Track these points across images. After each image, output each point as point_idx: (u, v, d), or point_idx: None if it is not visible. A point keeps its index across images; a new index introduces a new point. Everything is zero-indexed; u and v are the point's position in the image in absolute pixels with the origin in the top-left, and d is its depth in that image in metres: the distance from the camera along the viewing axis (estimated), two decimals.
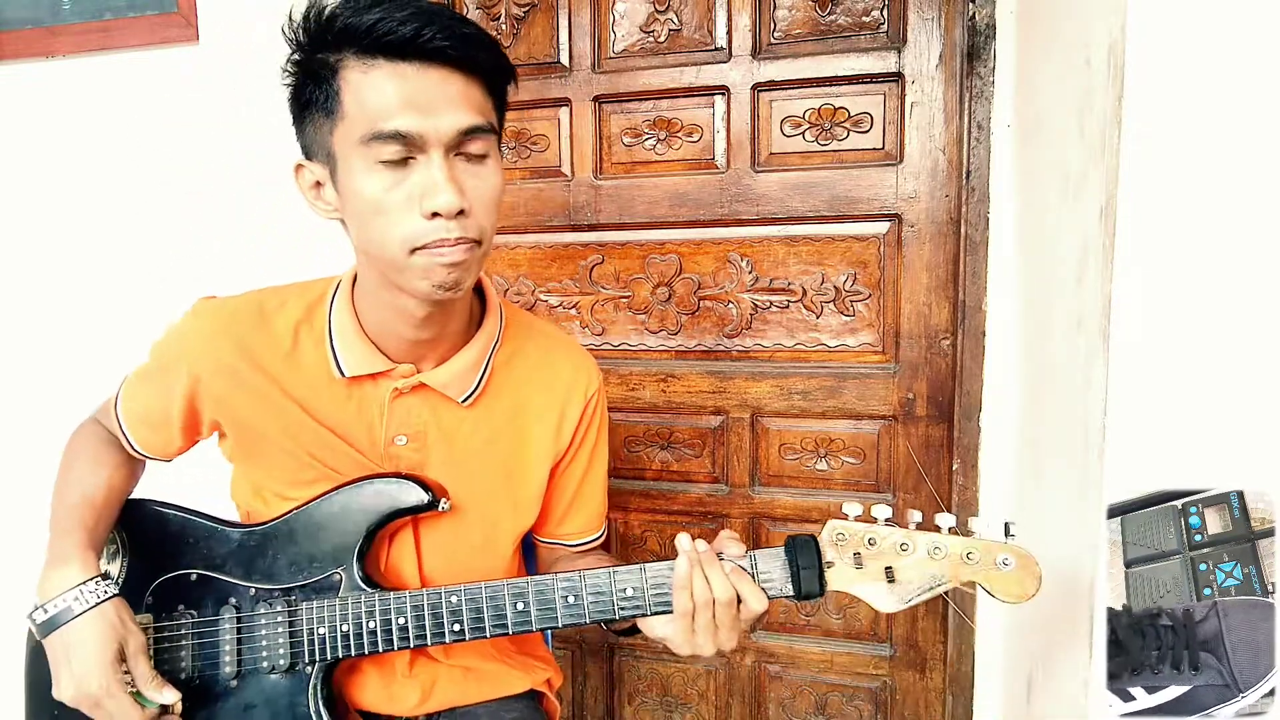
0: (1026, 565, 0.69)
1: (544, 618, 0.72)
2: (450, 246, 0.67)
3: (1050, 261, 1.01)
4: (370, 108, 0.65)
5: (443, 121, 0.66)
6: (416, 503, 0.78)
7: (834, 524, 0.72)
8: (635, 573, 0.72)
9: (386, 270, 0.71)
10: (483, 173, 0.70)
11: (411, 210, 0.67)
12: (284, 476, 0.83)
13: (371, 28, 0.64)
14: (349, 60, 0.66)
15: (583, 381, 0.88)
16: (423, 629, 0.74)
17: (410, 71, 0.65)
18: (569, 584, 0.72)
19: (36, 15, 1.51)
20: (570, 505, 0.91)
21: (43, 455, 1.62)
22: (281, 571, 0.79)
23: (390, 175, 0.66)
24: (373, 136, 0.65)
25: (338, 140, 0.68)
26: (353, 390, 0.80)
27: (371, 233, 0.69)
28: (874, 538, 0.71)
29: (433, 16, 0.65)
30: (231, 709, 0.77)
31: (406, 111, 0.65)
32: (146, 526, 0.82)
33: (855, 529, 0.71)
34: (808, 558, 0.70)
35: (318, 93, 0.68)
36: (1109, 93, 0.77)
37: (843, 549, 0.71)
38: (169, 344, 0.84)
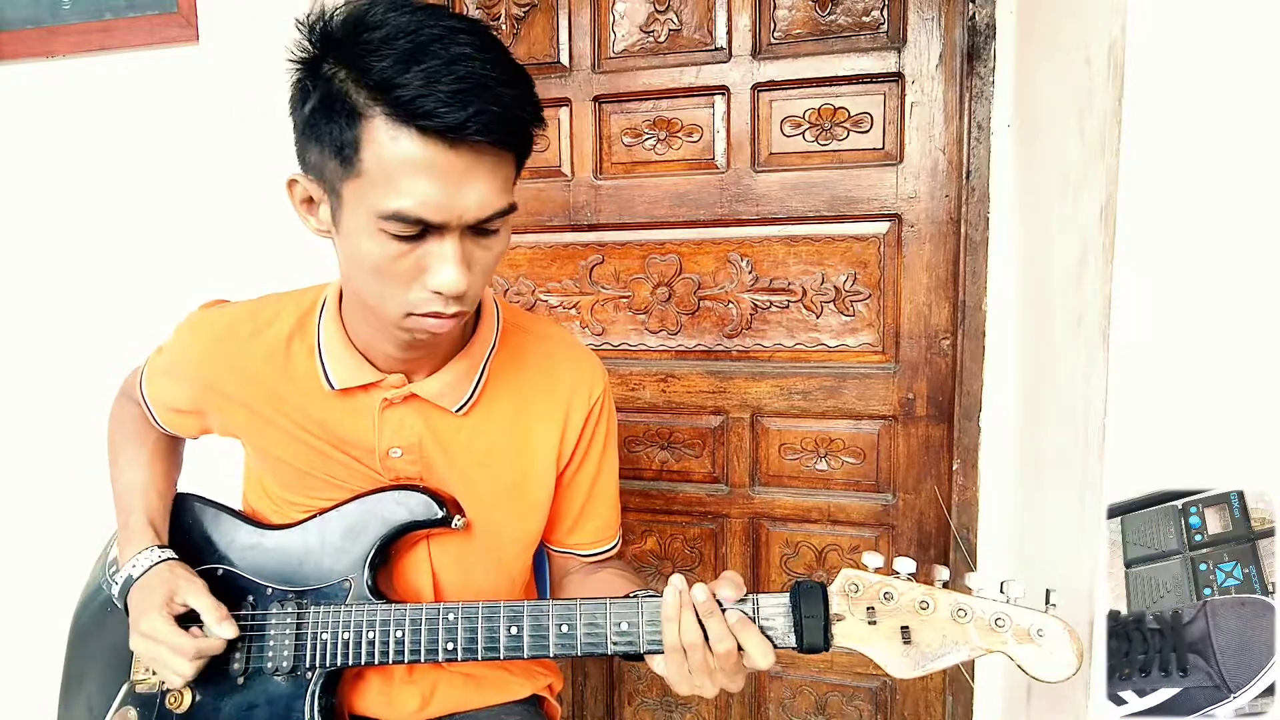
0: (1066, 640, 0.61)
1: (536, 645, 0.70)
2: (445, 319, 0.66)
3: (1050, 261, 1.01)
4: (394, 182, 0.59)
5: (467, 209, 0.61)
6: (428, 518, 0.78)
7: (848, 573, 0.65)
8: (631, 606, 0.69)
9: (372, 316, 0.71)
10: (492, 244, 0.66)
11: (414, 281, 0.64)
12: (286, 485, 0.84)
13: (413, 101, 0.57)
14: (376, 115, 0.59)
15: (586, 384, 0.84)
16: (418, 644, 0.73)
17: (442, 149, 0.59)
18: (563, 612, 0.70)
19: (36, 15, 1.51)
20: (580, 515, 0.88)
21: (43, 454, 1.62)
22: (297, 575, 0.80)
23: (398, 246, 0.62)
24: (391, 215, 0.60)
25: (348, 190, 0.62)
26: (345, 402, 0.79)
27: (366, 287, 0.67)
28: (891, 592, 0.64)
29: (478, 94, 0.58)
30: (236, 706, 0.77)
31: (430, 195, 0.60)
32: (184, 518, 0.86)
33: (870, 580, 0.65)
34: (813, 607, 0.65)
35: (331, 128, 0.61)
36: (1109, 92, 0.77)
37: (855, 601, 0.65)
38: (172, 352, 0.85)
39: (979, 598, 0.63)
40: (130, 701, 0.80)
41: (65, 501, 1.59)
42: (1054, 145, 0.99)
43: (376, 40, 0.59)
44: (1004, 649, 0.62)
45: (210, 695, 0.78)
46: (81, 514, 1.56)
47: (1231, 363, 0.73)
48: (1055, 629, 0.61)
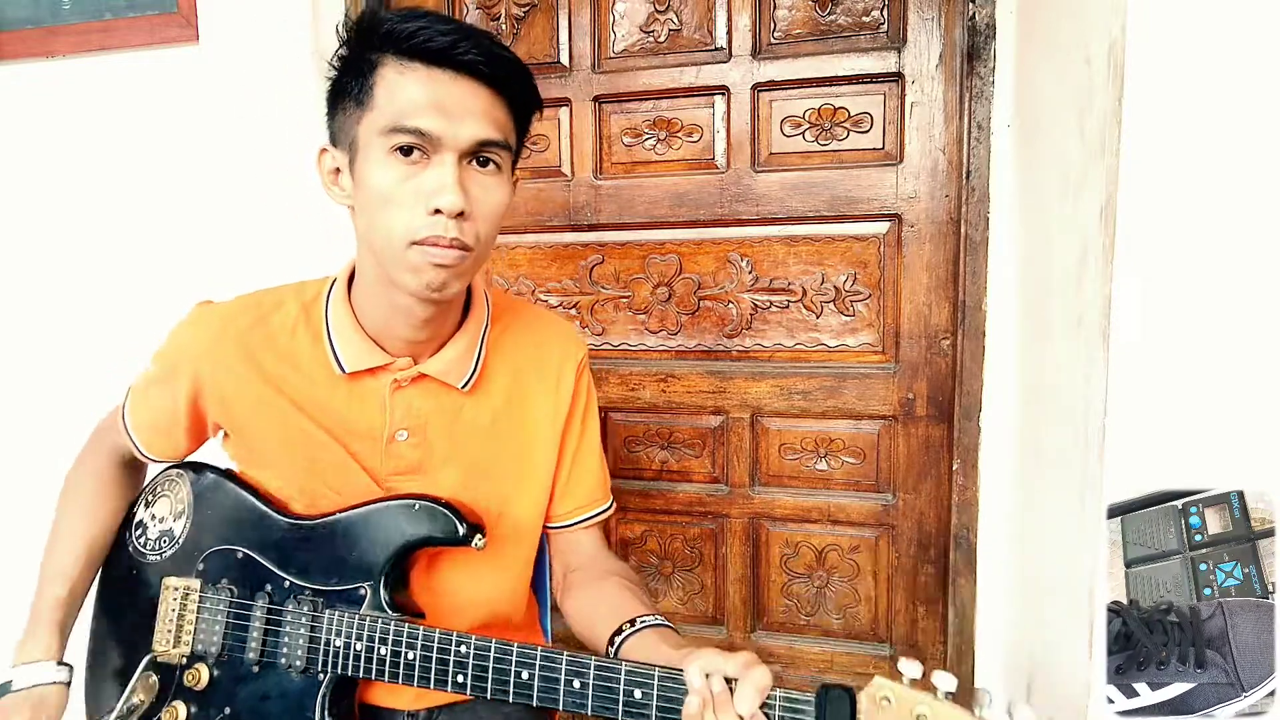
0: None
1: (545, 696, 0.69)
2: (444, 247, 0.70)
3: (1050, 261, 1.01)
4: (399, 102, 0.69)
5: (462, 128, 0.70)
6: (448, 535, 0.77)
7: (880, 683, 0.60)
8: (649, 677, 0.66)
9: (384, 262, 0.73)
10: (489, 183, 0.73)
11: (417, 205, 0.70)
12: (282, 478, 0.83)
13: (413, 34, 0.69)
14: (388, 59, 0.70)
15: (572, 351, 0.91)
16: (428, 670, 0.73)
17: (443, 78, 0.70)
18: (576, 668, 0.69)
19: (36, 15, 1.51)
20: (570, 475, 0.91)
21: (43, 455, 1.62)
22: (316, 571, 0.79)
23: (404, 169, 0.70)
24: (395, 128, 0.69)
25: (363, 128, 0.71)
26: (353, 387, 0.80)
27: (377, 221, 0.72)
28: (925, 714, 0.57)
29: (472, 35, 0.70)
30: (250, 694, 0.78)
31: (431, 112, 0.69)
32: (212, 495, 0.85)
33: (905, 696, 0.59)
34: (840, 716, 0.60)
35: (354, 84, 0.72)
36: (1109, 92, 0.77)
37: (886, 715, 0.59)
38: (170, 349, 0.85)
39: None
40: (152, 668, 0.81)
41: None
42: (1054, 145, 1.00)
43: (388, 15, 0.71)
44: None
45: (226, 678, 0.78)
46: None
47: (1231, 363, 0.73)
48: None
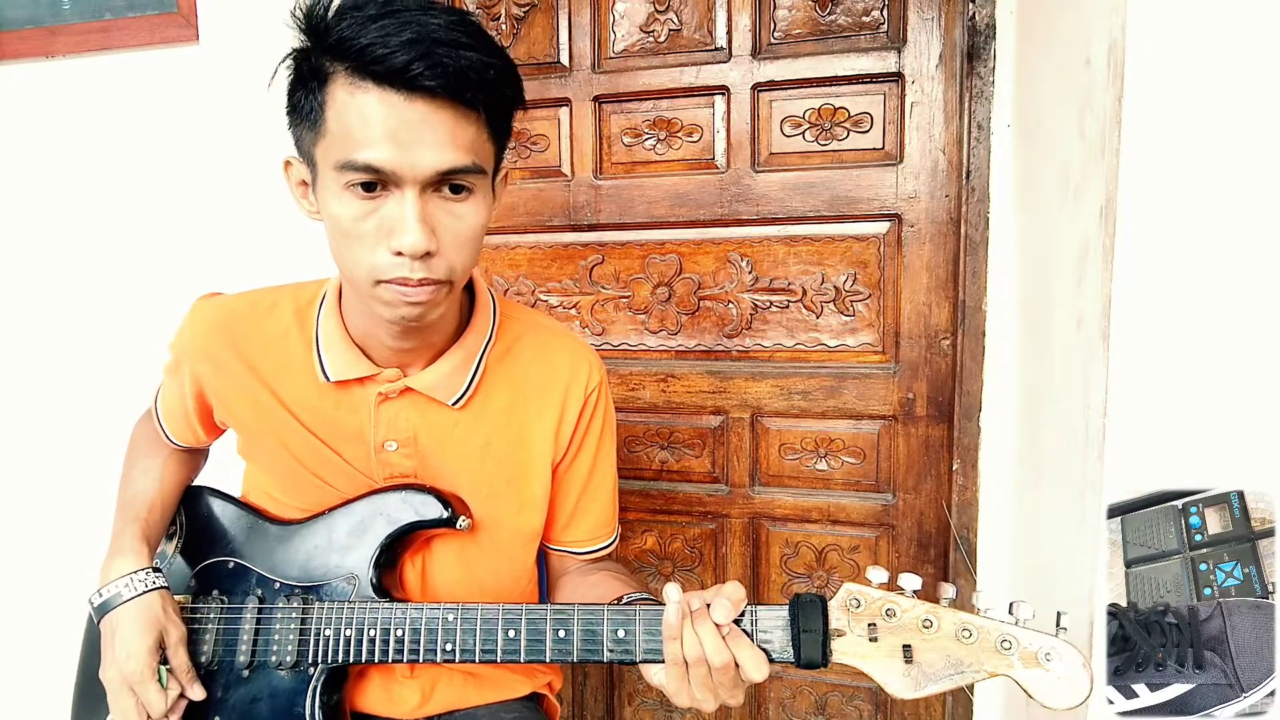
0: (1076, 665, 0.59)
1: (532, 650, 0.70)
2: (413, 287, 0.65)
3: (1050, 261, 1.01)
4: (350, 132, 0.62)
5: (421, 160, 0.62)
6: (434, 518, 0.78)
7: (850, 588, 0.64)
8: (629, 614, 0.68)
9: (356, 291, 0.71)
10: (460, 210, 0.66)
11: (379, 244, 0.64)
12: (278, 480, 0.84)
13: (363, 49, 0.60)
14: (339, 75, 0.62)
15: (583, 375, 0.84)
16: (417, 645, 0.74)
17: (397, 101, 0.60)
18: (560, 618, 0.70)
19: (36, 15, 1.51)
20: (575, 510, 0.88)
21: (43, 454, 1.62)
22: (306, 569, 0.80)
23: (361, 204, 0.64)
24: (345, 165, 0.62)
25: (319, 153, 0.65)
26: (341, 395, 0.79)
27: (342, 254, 0.68)
28: (894, 609, 0.62)
29: (431, 46, 0.59)
30: (240, 699, 0.78)
31: (384, 144, 0.61)
32: (202, 512, 0.87)
33: (873, 596, 0.63)
34: (812, 621, 0.63)
35: (305, 100, 0.65)
36: (1109, 93, 0.77)
37: (856, 617, 0.63)
38: (175, 341, 0.86)
39: (986, 618, 0.61)
40: None
41: (63, 498, 1.59)
42: (1054, 145, 0.99)
43: (348, 12, 0.62)
44: (1009, 672, 0.60)
45: (217, 685, 0.79)
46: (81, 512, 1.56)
47: (1231, 363, 0.73)
48: (1065, 653, 0.59)
